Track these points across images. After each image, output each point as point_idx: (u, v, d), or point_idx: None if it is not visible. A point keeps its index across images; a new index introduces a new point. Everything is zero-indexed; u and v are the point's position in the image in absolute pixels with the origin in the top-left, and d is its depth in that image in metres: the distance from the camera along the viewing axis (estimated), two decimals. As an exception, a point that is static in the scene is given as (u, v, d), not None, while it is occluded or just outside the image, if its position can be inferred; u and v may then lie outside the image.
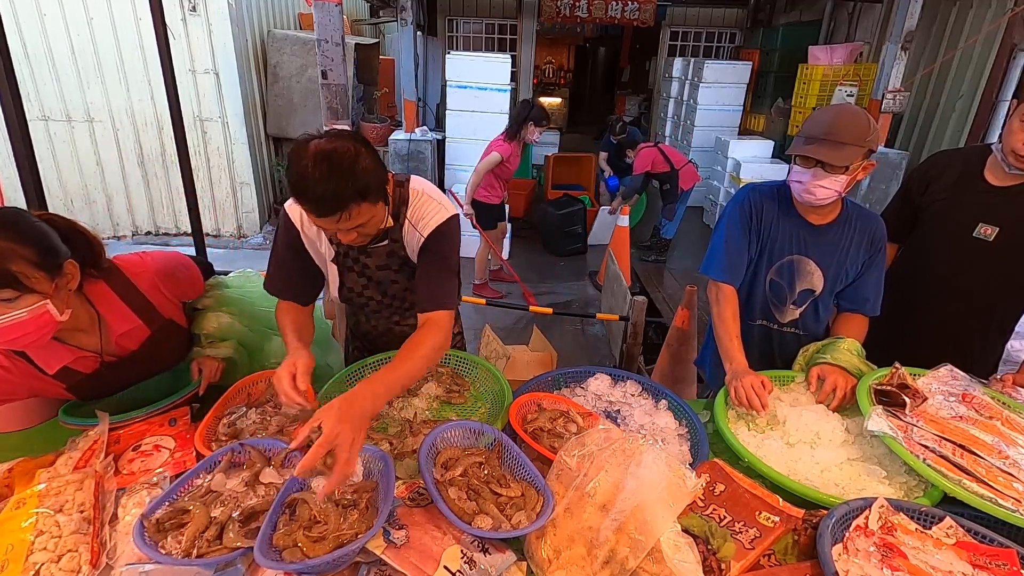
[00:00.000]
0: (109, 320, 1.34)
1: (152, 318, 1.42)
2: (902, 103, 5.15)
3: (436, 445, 1.26)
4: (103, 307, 1.33)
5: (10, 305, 1.08)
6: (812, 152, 1.51)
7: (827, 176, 1.52)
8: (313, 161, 1.15)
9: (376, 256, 1.52)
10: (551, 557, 1.06)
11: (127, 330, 1.37)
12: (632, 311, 3.22)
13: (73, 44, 5.29)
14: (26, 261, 1.08)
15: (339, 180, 1.16)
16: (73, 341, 1.31)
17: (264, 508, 1.08)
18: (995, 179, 1.75)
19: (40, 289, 1.11)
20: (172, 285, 1.47)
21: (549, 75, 14.23)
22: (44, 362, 1.29)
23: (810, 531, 1.09)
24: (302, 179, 1.16)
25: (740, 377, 1.50)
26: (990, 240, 1.76)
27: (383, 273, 1.55)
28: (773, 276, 1.75)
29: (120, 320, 1.35)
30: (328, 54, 2.45)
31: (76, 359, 1.31)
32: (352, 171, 1.17)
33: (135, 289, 1.38)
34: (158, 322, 1.44)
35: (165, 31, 2.22)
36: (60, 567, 1.02)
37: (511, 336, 4.15)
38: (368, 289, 1.60)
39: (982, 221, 1.76)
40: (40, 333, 1.15)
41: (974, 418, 1.35)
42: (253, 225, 6.18)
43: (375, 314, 1.70)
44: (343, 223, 1.23)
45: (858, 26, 6.89)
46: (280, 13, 6.51)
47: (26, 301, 1.09)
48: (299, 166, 1.16)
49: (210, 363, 1.56)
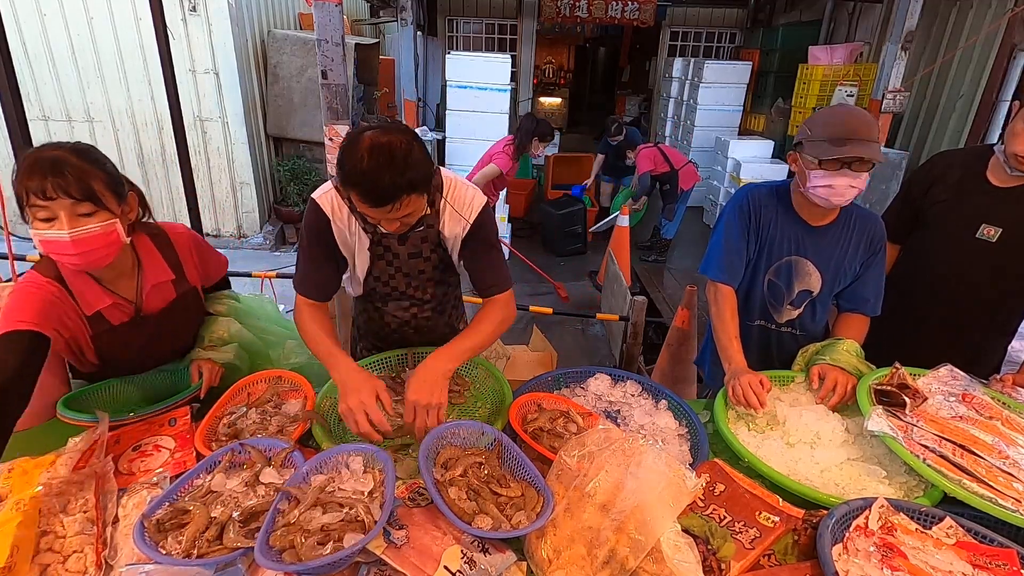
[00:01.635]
0: (146, 268, 1.44)
1: (180, 280, 1.52)
2: (902, 103, 5.15)
3: (436, 445, 1.26)
4: (144, 256, 1.45)
5: (87, 219, 1.22)
6: (851, 151, 1.46)
7: (857, 176, 1.50)
8: (369, 153, 1.20)
9: (410, 243, 1.54)
10: (551, 557, 1.06)
11: (159, 283, 1.47)
12: (632, 311, 3.22)
13: (73, 44, 5.29)
14: (101, 182, 1.25)
15: (395, 172, 1.20)
16: (111, 286, 1.41)
17: (264, 508, 1.08)
18: (997, 180, 1.75)
19: (111, 209, 1.26)
20: (202, 258, 1.60)
21: (549, 75, 14.23)
22: (85, 302, 1.36)
23: (810, 531, 1.09)
24: (358, 170, 1.20)
25: (739, 376, 1.51)
26: (993, 241, 1.76)
27: (414, 261, 1.57)
28: (771, 277, 1.75)
29: (156, 271, 1.46)
30: (328, 54, 2.45)
31: (111, 305, 1.40)
32: (406, 164, 1.22)
33: (172, 248, 1.51)
34: (184, 286, 1.54)
35: (165, 31, 2.23)
36: (67, 568, 1.02)
37: (511, 336, 4.15)
38: (394, 278, 1.61)
39: (985, 222, 1.76)
40: (107, 250, 1.27)
41: (974, 418, 1.35)
42: (253, 225, 6.18)
43: (395, 303, 1.70)
44: (393, 213, 1.26)
45: (858, 26, 6.90)
46: (280, 13, 6.50)
47: (100, 217, 1.24)
48: (355, 157, 1.21)
49: (210, 366, 1.57)
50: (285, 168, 6.22)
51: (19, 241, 5.32)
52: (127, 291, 1.43)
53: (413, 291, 1.66)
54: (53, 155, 1.19)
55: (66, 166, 1.18)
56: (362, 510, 1.05)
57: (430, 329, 1.77)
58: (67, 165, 1.19)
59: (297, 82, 5.90)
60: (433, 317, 1.74)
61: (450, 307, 1.82)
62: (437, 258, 1.60)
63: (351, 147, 1.22)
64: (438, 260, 1.61)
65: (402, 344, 1.76)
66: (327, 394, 1.51)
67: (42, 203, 1.18)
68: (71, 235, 1.20)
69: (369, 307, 1.74)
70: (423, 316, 1.73)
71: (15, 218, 5.64)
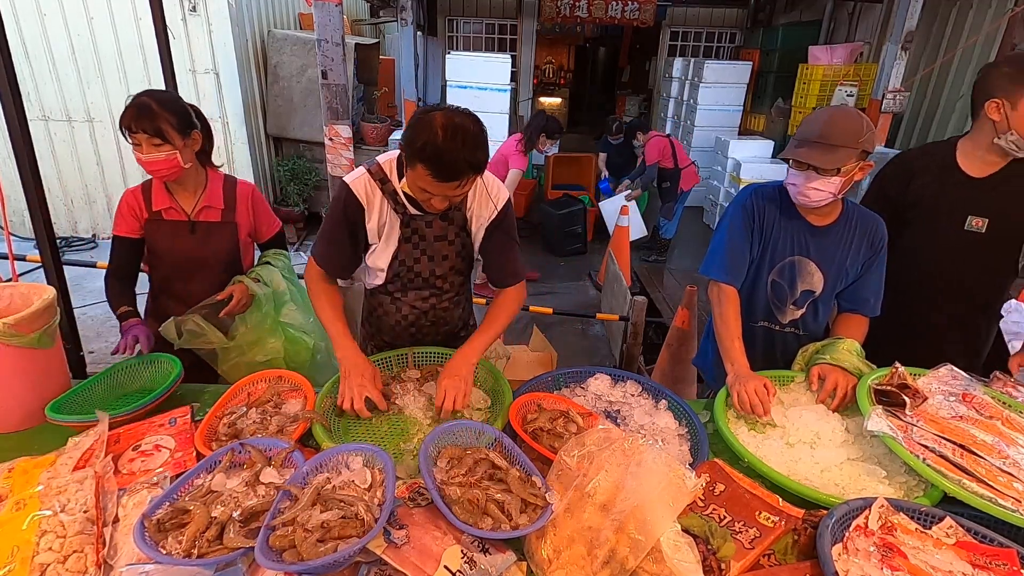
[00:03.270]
0: (208, 193, 1.89)
1: (229, 212, 1.92)
2: (902, 103, 5.15)
3: (436, 445, 1.27)
4: (210, 184, 1.90)
5: (157, 148, 1.69)
6: (803, 156, 1.52)
7: (820, 178, 1.53)
8: (443, 131, 1.29)
9: (437, 226, 1.60)
10: (551, 557, 1.06)
11: (212, 204, 1.89)
12: (632, 311, 3.22)
13: (73, 44, 5.29)
14: (169, 123, 1.69)
15: (468, 151, 1.31)
16: (176, 195, 1.86)
17: (264, 508, 1.08)
18: (973, 170, 1.77)
19: (175, 143, 1.71)
20: (256, 208, 1.99)
21: (549, 75, 14.23)
22: (156, 200, 1.83)
23: (810, 531, 1.09)
24: (433, 144, 1.28)
25: (743, 381, 1.50)
26: (982, 232, 1.77)
27: (439, 244, 1.62)
28: (774, 277, 1.75)
29: (212, 197, 1.89)
30: (328, 54, 2.45)
31: (169, 208, 1.85)
32: (476, 145, 1.33)
33: (233, 189, 1.94)
34: (230, 218, 1.93)
35: (165, 31, 2.23)
36: (67, 568, 1.02)
37: (511, 336, 4.15)
38: (419, 262, 1.64)
39: (971, 214, 1.78)
40: (170, 171, 1.74)
41: (974, 418, 1.35)
42: (253, 225, 6.17)
43: (416, 292, 1.71)
44: (455, 189, 1.35)
45: (858, 26, 6.90)
46: (280, 13, 6.50)
47: (165, 149, 1.70)
48: (429, 133, 1.29)
49: (242, 289, 1.89)
50: (285, 168, 6.21)
51: (19, 241, 5.32)
52: (187, 203, 1.87)
53: (435, 279, 1.69)
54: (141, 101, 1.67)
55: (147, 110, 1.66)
56: (362, 509, 1.05)
57: (445, 321, 1.80)
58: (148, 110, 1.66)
59: (297, 82, 5.90)
60: (449, 309, 1.79)
61: (464, 300, 1.86)
62: (460, 243, 1.65)
63: (423, 124, 1.30)
64: (461, 246, 1.66)
65: (414, 340, 1.78)
66: (327, 394, 1.51)
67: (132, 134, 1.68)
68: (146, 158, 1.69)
69: (385, 300, 1.75)
70: (441, 307, 1.76)
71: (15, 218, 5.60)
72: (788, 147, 1.58)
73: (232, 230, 1.93)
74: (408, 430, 1.46)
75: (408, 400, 1.54)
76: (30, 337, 1.41)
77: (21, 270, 3.15)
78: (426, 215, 1.56)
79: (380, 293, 1.75)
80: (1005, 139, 1.68)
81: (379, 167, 1.54)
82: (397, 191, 1.53)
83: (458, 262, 1.69)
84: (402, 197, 1.53)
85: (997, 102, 1.66)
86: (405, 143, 1.34)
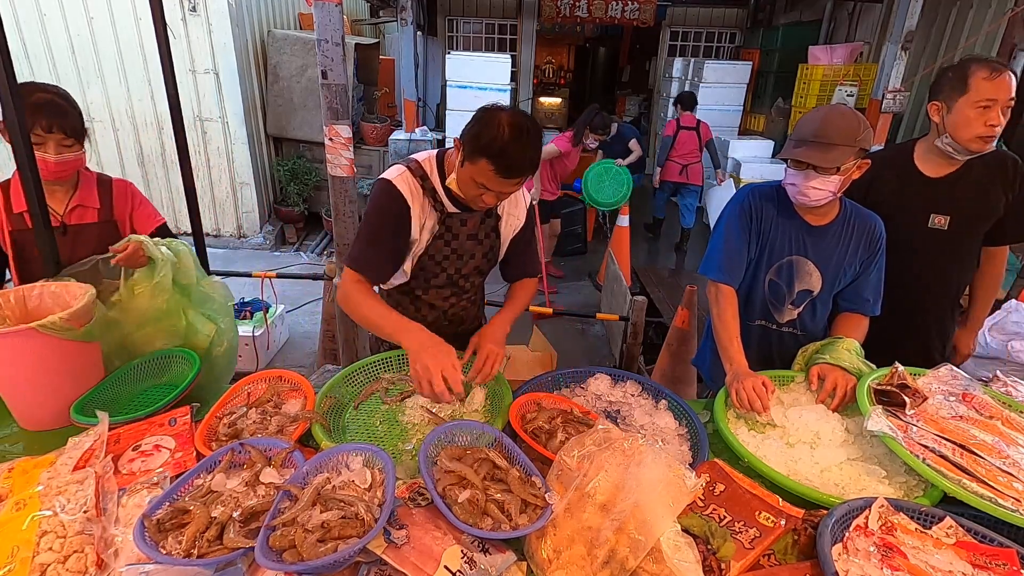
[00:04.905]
0: (81, 187, 1.80)
1: (106, 210, 1.84)
2: (902, 103, 5.16)
3: (436, 445, 1.27)
4: (83, 182, 1.81)
5: (68, 148, 1.66)
6: (801, 155, 1.53)
7: (819, 177, 1.53)
8: (510, 130, 1.35)
9: (471, 223, 1.63)
10: (551, 557, 1.06)
11: (85, 203, 1.80)
12: (632, 311, 3.22)
13: (73, 44, 5.30)
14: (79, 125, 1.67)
15: (534, 150, 1.40)
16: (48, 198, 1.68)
17: (264, 508, 1.08)
18: (930, 170, 1.83)
19: (81, 142, 1.70)
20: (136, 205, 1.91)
21: (549, 75, 14.21)
22: (17, 201, 1.70)
23: (810, 531, 1.09)
24: (500, 141, 1.35)
25: (741, 379, 1.50)
26: (945, 229, 1.84)
27: (470, 243, 1.65)
28: (772, 276, 1.75)
29: (87, 194, 1.81)
30: (328, 54, 2.45)
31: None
32: (537, 145, 1.42)
33: (110, 187, 1.87)
34: (108, 215, 1.84)
35: (165, 31, 2.22)
36: (67, 568, 1.02)
37: (511, 336, 4.14)
38: (447, 259, 1.65)
39: (932, 212, 1.84)
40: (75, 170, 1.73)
41: (974, 418, 1.35)
42: (253, 225, 6.18)
43: (437, 291, 1.73)
44: (513, 186, 1.42)
45: (858, 26, 6.90)
46: (280, 13, 6.51)
47: (75, 149, 1.68)
48: (496, 131, 1.35)
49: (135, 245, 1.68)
50: (285, 168, 6.22)
51: (19, 241, 5.33)
52: (56, 204, 1.76)
53: (459, 277, 1.71)
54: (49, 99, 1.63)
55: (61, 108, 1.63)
56: (362, 509, 1.05)
57: (462, 320, 1.84)
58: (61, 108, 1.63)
59: (297, 82, 5.91)
60: (467, 308, 1.84)
61: (479, 300, 1.90)
62: (489, 244, 1.69)
63: (489, 121, 1.37)
64: (489, 247, 1.69)
65: None
66: (327, 394, 1.51)
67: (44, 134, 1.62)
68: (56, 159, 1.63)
69: (404, 300, 1.75)
70: (460, 306, 1.79)
71: (15, 218, 5.49)
72: (786, 147, 1.59)
73: (112, 230, 1.83)
74: (407, 430, 1.46)
75: (408, 401, 1.54)
76: (80, 331, 1.45)
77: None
78: (462, 213, 1.59)
79: (400, 293, 1.74)
80: (942, 141, 1.76)
81: (418, 164, 1.56)
82: (436, 188, 1.55)
83: (483, 263, 1.72)
84: (442, 194, 1.56)
85: (938, 105, 1.74)
86: (469, 138, 1.39)
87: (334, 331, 3.08)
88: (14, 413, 1.50)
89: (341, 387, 1.58)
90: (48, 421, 1.49)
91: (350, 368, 1.63)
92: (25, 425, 1.50)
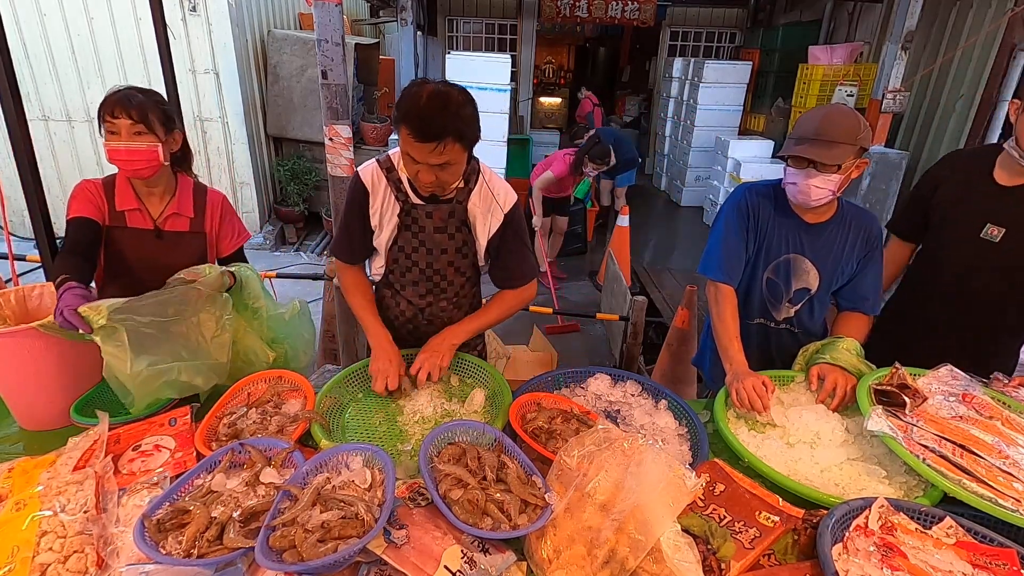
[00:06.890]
0: (178, 195, 1.78)
1: (198, 220, 1.82)
2: (902, 103, 5.15)
3: (436, 445, 1.27)
4: (180, 189, 1.79)
5: (138, 137, 1.60)
6: (803, 152, 1.52)
7: (820, 175, 1.53)
8: (427, 95, 1.34)
9: (437, 216, 1.62)
10: (551, 557, 1.06)
11: (181, 211, 1.78)
12: (632, 311, 3.22)
13: (73, 44, 5.30)
14: (155, 116, 1.62)
15: (448, 113, 1.34)
16: (144, 199, 1.74)
17: (264, 508, 1.08)
18: (1005, 179, 1.71)
19: (158, 135, 1.63)
20: (225, 218, 1.88)
21: (549, 75, 14.22)
22: (120, 200, 1.70)
23: (810, 531, 1.09)
24: (414, 105, 1.33)
25: (741, 379, 1.50)
26: (996, 241, 1.72)
27: (439, 236, 1.64)
28: (770, 275, 1.75)
29: (183, 202, 1.79)
30: (328, 54, 2.45)
31: (134, 210, 1.72)
32: (459, 112, 1.36)
33: (204, 197, 1.84)
34: (199, 227, 1.82)
35: (165, 31, 2.23)
36: (67, 568, 1.02)
37: (511, 336, 4.15)
38: (417, 252, 1.66)
39: (989, 222, 1.72)
40: (148, 166, 1.64)
41: (974, 418, 1.35)
42: (253, 225, 6.17)
43: (413, 288, 1.73)
44: (434, 155, 1.37)
45: (858, 26, 6.89)
46: (280, 13, 6.51)
47: (147, 139, 1.61)
48: (413, 97, 1.34)
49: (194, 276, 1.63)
50: (285, 168, 6.22)
51: (19, 241, 5.32)
52: (154, 209, 1.76)
53: (432, 272, 1.70)
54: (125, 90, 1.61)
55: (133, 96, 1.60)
56: (362, 509, 1.05)
57: (444, 323, 1.76)
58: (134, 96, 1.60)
59: (297, 82, 5.90)
60: (448, 310, 1.78)
61: (467, 304, 1.82)
62: (461, 239, 1.66)
63: (412, 90, 1.36)
64: (461, 242, 1.67)
65: (412, 338, 1.77)
66: (327, 394, 1.52)
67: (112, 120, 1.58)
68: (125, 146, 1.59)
69: (387, 294, 1.78)
70: (439, 306, 1.76)
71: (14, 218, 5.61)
72: (786, 145, 1.58)
73: (201, 241, 1.82)
74: (405, 431, 1.46)
75: (408, 402, 1.55)
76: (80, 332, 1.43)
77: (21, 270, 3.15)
78: (427, 204, 1.60)
79: (383, 286, 1.79)
80: (1010, 145, 1.63)
81: (388, 158, 1.61)
82: (402, 179, 1.59)
83: (458, 258, 1.69)
84: (406, 185, 1.59)
85: (1017, 103, 1.59)
86: (395, 109, 1.40)
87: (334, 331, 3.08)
88: (14, 413, 1.50)
89: (340, 388, 1.58)
90: (48, 421, 1.49)
91: (350, 368, 1.63)
92: (25, 425, 1.50)
